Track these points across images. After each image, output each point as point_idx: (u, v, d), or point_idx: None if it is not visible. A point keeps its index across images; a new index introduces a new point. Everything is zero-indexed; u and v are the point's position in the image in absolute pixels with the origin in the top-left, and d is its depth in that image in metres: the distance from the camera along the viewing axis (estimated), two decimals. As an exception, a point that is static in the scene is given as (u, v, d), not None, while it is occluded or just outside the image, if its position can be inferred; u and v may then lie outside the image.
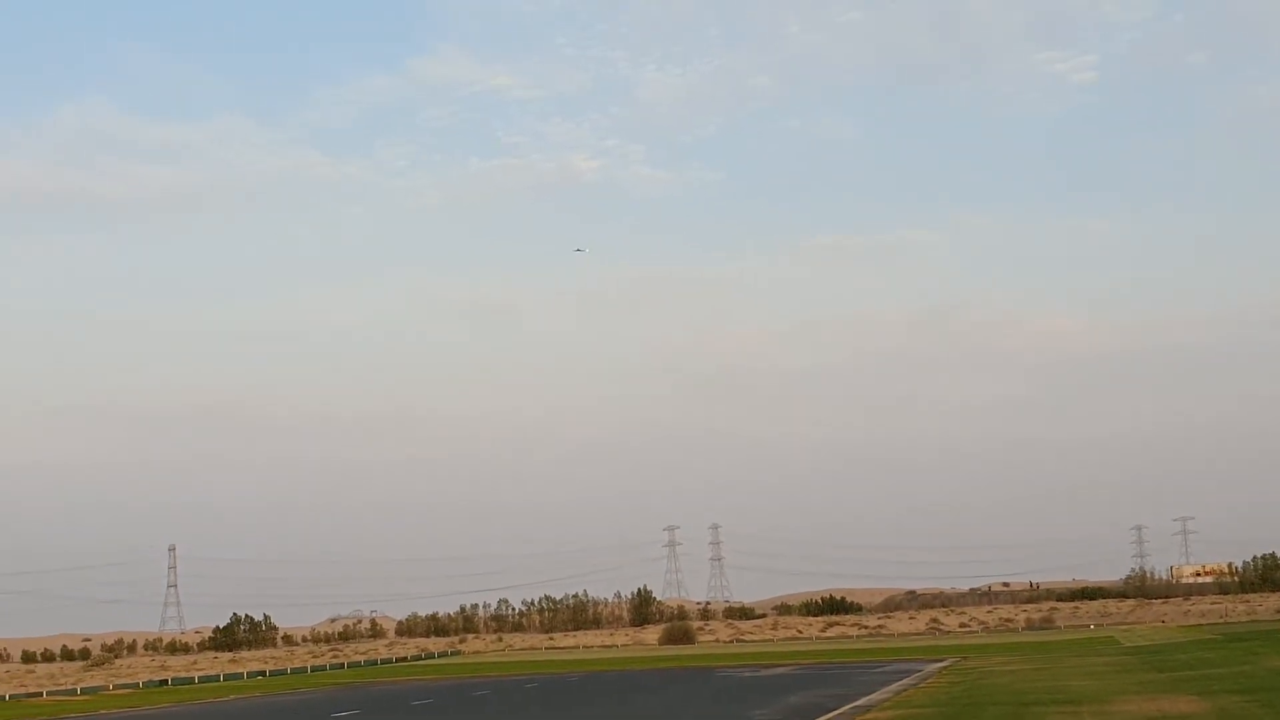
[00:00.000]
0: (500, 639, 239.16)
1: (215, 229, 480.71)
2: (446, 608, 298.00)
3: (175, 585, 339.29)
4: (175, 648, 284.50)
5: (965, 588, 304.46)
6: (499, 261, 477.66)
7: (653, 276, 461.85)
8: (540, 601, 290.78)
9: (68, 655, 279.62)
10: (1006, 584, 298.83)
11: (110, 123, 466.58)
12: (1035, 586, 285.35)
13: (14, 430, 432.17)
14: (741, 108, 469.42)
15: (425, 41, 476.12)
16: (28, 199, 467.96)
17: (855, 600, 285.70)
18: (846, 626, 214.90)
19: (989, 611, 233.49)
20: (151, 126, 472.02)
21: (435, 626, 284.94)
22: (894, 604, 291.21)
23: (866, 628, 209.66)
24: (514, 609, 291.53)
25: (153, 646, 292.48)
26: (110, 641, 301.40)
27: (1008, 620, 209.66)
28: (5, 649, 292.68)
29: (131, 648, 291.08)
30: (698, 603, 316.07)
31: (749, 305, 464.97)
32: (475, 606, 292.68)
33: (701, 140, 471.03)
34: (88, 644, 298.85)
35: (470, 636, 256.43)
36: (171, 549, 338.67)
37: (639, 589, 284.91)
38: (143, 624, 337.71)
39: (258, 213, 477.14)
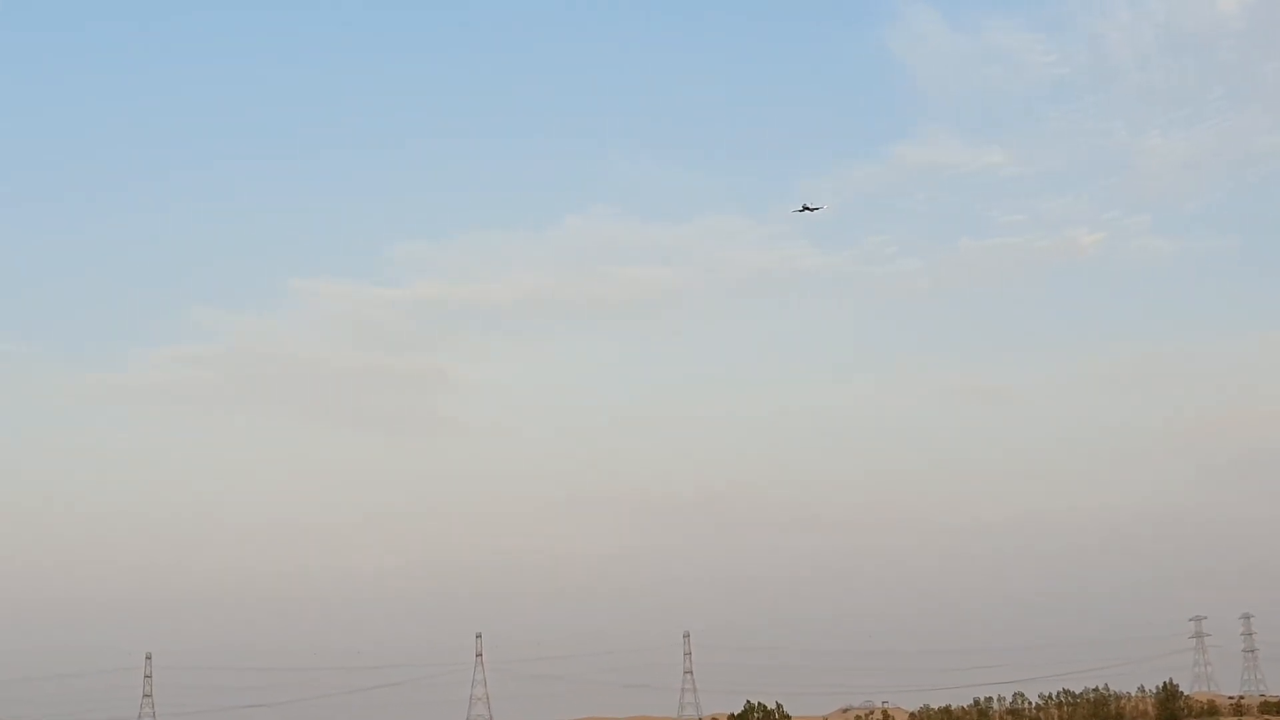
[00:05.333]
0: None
1: (702, 323, 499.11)
2: (959, 700, 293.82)
3: (691, 671, 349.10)
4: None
5: None
6: (992, 342, 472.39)
7: (1165, 353, 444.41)
8: (1059, 695, 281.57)
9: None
10: None
11: (611, 229, 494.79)
12: None
13: (541, 522, 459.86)
14: (1252, 169, 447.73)
15: (910, 126, 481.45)
16: (537, 302, 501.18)
17: None
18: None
19: None
20: (647, 229, 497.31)
21: (948, 719, 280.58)
22: None
23: None
24: (1029, 702, 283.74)
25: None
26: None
27: None
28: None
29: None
30: (1230, 697, 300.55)
31: (1274, 381, 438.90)
32: (989, 699, 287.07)
33: (1209, 206, 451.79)
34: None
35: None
36: (686, 635, 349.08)
37: (1164, 683, 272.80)
38: (662, 708, 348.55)
39: (745, 305, 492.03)
